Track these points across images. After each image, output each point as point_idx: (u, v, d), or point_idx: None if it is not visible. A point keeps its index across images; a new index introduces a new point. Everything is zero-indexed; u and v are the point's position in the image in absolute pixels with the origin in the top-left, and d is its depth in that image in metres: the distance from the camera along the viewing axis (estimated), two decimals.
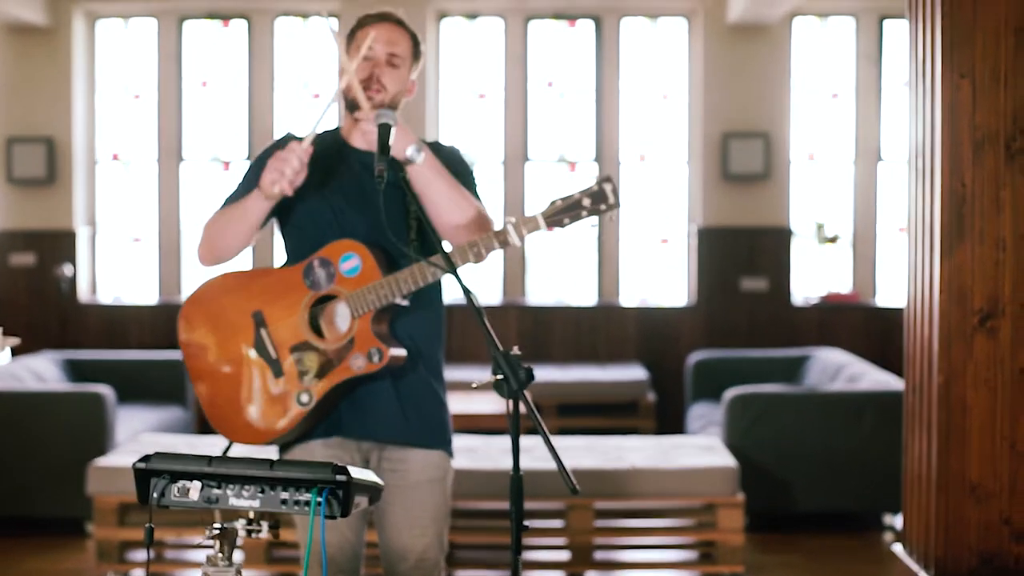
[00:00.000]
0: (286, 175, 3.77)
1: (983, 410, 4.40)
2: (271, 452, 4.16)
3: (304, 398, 3.83)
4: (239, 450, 5.19)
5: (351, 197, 3.90)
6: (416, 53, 4.07)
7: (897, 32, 11.45)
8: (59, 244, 11.25)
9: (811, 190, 11.59)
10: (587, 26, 11.59)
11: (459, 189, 3.88)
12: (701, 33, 11.19)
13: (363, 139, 3.92)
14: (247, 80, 11.57)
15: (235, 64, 11.63)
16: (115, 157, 11.67)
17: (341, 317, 3.84)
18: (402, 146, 3.79)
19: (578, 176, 11.55)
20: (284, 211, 3.99)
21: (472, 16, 11.57)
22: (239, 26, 11.60)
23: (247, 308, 3.92)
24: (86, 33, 11.48)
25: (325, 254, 3.85)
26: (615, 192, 3.75)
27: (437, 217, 3.86)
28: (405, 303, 3.85)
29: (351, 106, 3.99)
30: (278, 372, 3.86)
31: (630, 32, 11.58)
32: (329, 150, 3.99)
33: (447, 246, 3.82)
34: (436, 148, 4.00)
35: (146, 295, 11.62)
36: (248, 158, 11.51)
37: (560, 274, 11.69)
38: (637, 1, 11.34)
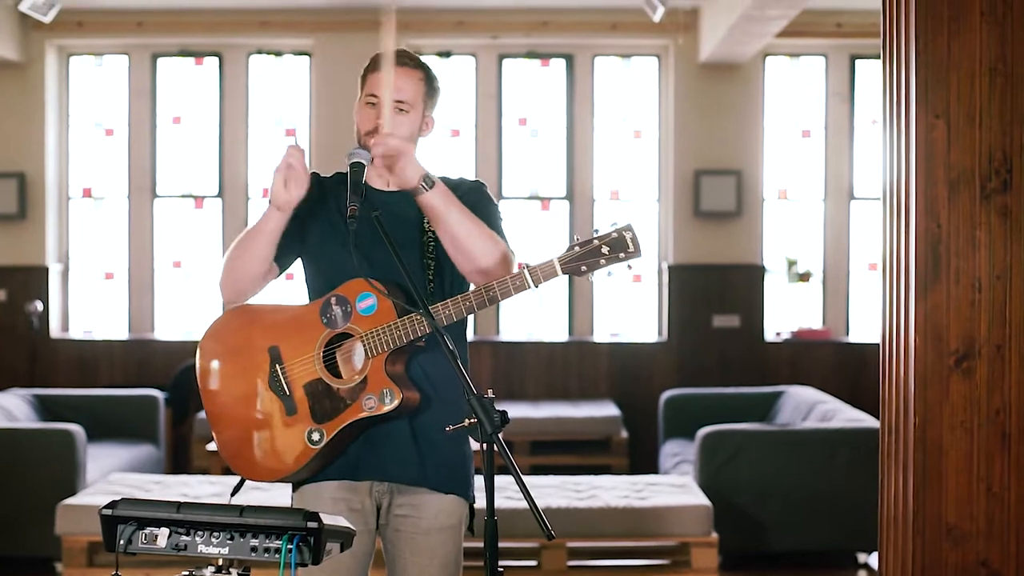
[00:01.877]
0: (295, 167, 3.70)
1: (959, 452, 4.37)
2: (284, 490, 4.09)
3: (315, 436, 3.75)
4: (250, 487, 5.14)
5: (374, 237, 3.79)
6: (430, 91, 3.95)
7: (868, 71, 11.51)
8: (30, 280, 11.19)
9: (783, 227, 11.61)
10: (559, 65, 11.61)
11: (476, 223, 3.77)
12: (673, 71, 11.22)
13: (380, 179, 3.84)
14: (219, 117, 11.54)
15: (208, 101, 11.61)
16: (87, 193, 11.62)
17: (356, 356, 3.76)
18: (415, 174, 3.74)
19: (551, 214, 11.54)
20: (307, 252, 3.92)
21: (445, 54, 11.56)
22: (211, 63, 11.58)
23: (263, 343, 3.85)
24: (59, 69, 11.45)
25: (342, 292, 3.78)
26: (635, 241, 3.68)
27: (452, 252, 3.78)
28: (422, 344, 3.77)
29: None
30: (291, 409, 3.78)
31: (602, 71, 11.60)
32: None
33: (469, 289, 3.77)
34: (458, 184, 3.92)
35: (117, 331, 11.55)
36: (219, 195, 11.48)
37: (532, 310, 11.67)
38: (609, 40, 11.36)
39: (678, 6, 10.43)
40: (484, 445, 3.33)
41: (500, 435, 3.34)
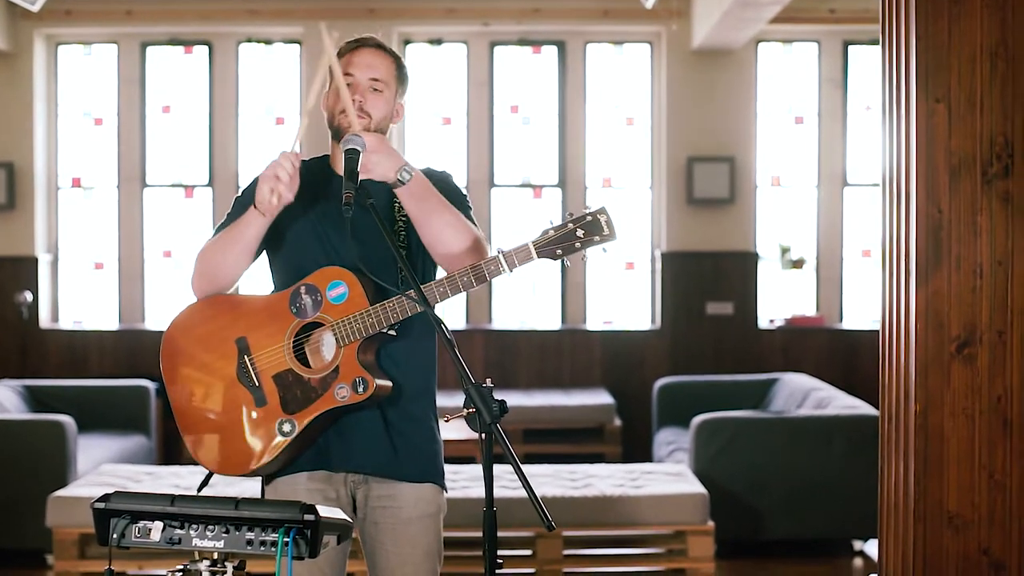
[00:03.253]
0: (283, 180, 3.66)
1: (961, 439, 4.34)
2: (255, 484, 4.03)
3: (286, 427, 3.70)
4: (217, 481, 5.07)
5: (340, 225, 3.76)
6: (401, 76, 3.95)
7: (861, 57, 11.47)
8: (19, 270, 11.13)
9: (776, 214, 11.57)
10: (551, 52, 11.55)
11: (452, 211, 3.74)
12: (665, 58, 11.17)
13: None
14: (209, 105, 11.48)
15: (197, 89, 11.54)
16: (76, 182, 11.55)
17: (327, 345, 3.71)
18: (391, 167, 3.67)
19: (543, 201, 11.50)
20: (272, 240, 3.85)
21: (436, 42, 11.51)
22: (201, 52, 11.51)
23: (231, 334, 3.79)
24: (47, 58, 11.38)
25: (312, 281, 3.73)
26: (610, 224, 3.62)
27: (430, 240, 3.73)
28: (393, 333, 3.73)
29: (336, 135, 3.88)
30: (260, 400, 3.73)
31: (594, 58, 11.55)
32: (316, 178, 3.85)
33: (439, 273, 3.75)
34: (428, 174, 3.85)
35: (107, 322, 11.49)
36: (209, 184, 11.42)
37: (525, 298, 11.63)
38: (601, 27, 11.31)
39: None
40: (483, 435, 3.29)
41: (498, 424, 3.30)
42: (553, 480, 7.35)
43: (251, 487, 6.66)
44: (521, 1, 11.15)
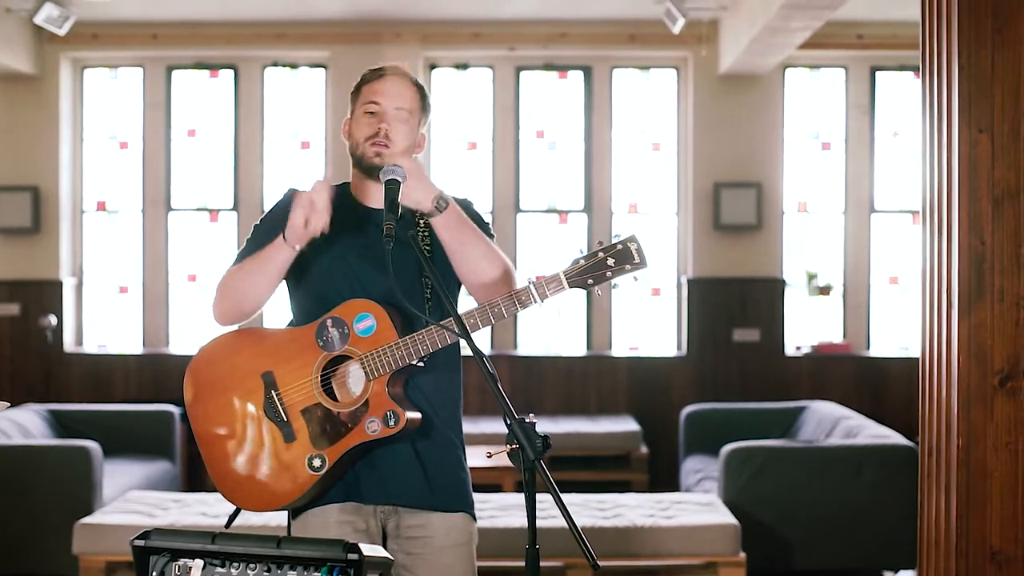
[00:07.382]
0: (318, 206, 3.61)
1: (1004, 473, 4.27)
2: (281, 515, 3.98)
3: (316, 463, 3.66)
4: (248, 515, 5.01)
5: (366, 256, 3.74)
6: (424, 106, 3.95)
7: (888, 83, 11.43)
8: (44, 294, 11.12)
9: (803, 240, 11.52)
10: (577, 77, 11.52)
11: (485, 241, 3.73)
12: (691, 83, 11.13)
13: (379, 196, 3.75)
14: (234, 129, 11.47)
15: (222, 113, 11.54)
16: (101, 206, 11.55)
17: (355, 379, 3.68)
18: (427, 196, 3.65)
19: (569, 227, 11.46)
20: (293, 269, 3.80)
21: (462, 66, 11.49)
22: (227, 75, 11.51)
23: (257, 369, 3.75)
24: (73, 81, 11.38)
25: (339, 313, 3.69)
26: (640, 252, 3.61)
27: (463, 270, 3.72)
28: (422, 364, 3.69)
29: (360, 164, 3.85)
30: (289, 436, 3.69)
31: (621, 83, 11.52)
32: (340, 207, 3.80)
33: (461, 303, 3.72)
34: None
35: (132, 346, 11.47)
36: (234, 208, 11.40)
37: (551, 324, 11.58)
38: (628, 52, 11.28)
39: (698, 18, 10.33)
40: (525, 471, 3.25)
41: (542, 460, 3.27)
42: (583, 510, 7.29)
43: (277, 518, 6.60)
44: (547, 26, 11.13)
